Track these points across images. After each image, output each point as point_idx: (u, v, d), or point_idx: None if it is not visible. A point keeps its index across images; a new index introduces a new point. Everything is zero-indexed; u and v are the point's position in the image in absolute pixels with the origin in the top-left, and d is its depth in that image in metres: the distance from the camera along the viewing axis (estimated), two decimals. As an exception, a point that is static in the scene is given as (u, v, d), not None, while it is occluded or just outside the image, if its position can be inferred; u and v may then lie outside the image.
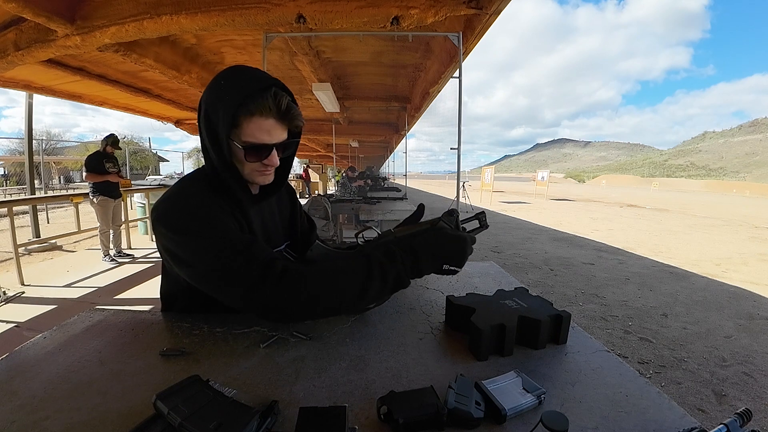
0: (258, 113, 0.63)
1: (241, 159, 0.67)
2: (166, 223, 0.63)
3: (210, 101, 0.65)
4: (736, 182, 79.63)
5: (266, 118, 0.64)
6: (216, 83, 0.65)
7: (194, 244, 0.62)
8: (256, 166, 0.69)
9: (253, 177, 0.71)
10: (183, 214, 0.64)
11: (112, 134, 4.07)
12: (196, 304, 0.75)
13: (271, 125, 0.65)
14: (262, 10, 2.28)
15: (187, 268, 0.64)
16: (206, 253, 0.61)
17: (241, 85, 0.63)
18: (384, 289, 0.62)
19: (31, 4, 2.14)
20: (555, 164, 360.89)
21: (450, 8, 2.24)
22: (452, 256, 0.64)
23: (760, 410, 1.75)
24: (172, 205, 0.66)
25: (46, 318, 2.55)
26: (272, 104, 0.63)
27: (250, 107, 0.62)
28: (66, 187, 20.80)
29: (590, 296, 3.41)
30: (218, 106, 0.63)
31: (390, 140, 9.90)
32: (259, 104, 0.62)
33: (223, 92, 0.63)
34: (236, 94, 0.61)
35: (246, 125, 0.63)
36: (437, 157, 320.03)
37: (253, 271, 0.59)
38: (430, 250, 0.63)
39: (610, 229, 7.83)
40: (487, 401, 0.46)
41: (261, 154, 0.67)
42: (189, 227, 0.62)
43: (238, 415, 0.42)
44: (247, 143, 0.65)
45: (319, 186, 17.56)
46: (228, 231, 0.64)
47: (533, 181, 24.60)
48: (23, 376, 0.54)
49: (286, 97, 0.65)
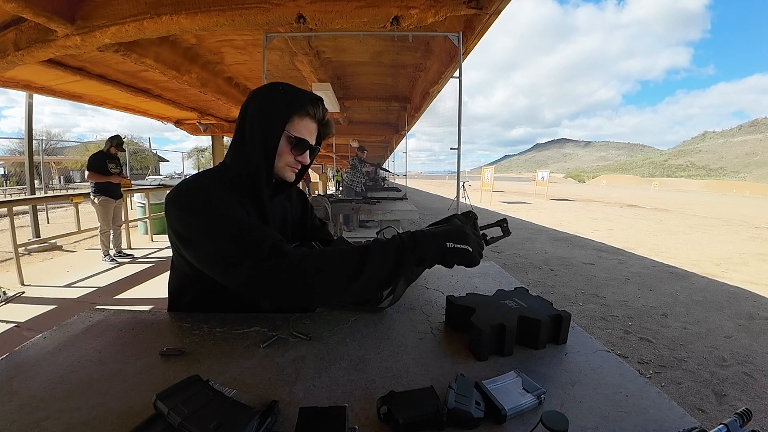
0: (309, 116, 0.77)
1: (282, 151, 0.76)
2: (178, 203, 0.68)
3: (269, 98, 0.75)
4: (736, 182, 79.62)
5: (312, 122, 0.78)
6: (274, 87, 0.77)
7: (205, 222, 0.66)
8: (291, 161, 0.78)
9: (284, 171, 0.79)
10: (196, 197, 0.69)
11: (117, 135, 4.06)
12: (204, 296, 0.76)
13: (313, 128, 0.79)
14: (262, 10, 2.28)
15: (195, 248, 0.66)
16: (217, 230, 0.65)
17: (299, 93, 0.76)
18: (384, 267, 0.63)
19: (31, 4, 2.14)
20: (555, 164, 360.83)
21: (450, 8, 2.24)
22: (452, 235, 0.65)
23: (760, 410, 1.75)
24: (186, 188, 0.71)
25: (46, 318, 2.55)
26: (320, 113, 0.78)
27: (307, 110, 0.75)
28: (66, 187, 20.80)
29: (590, 296, 3.41)
30: (279, 103, 0.74)
31: (390, 140, 9.90)
32: (312, 109, 0.76)
33: (284, 94, 0.75)
34: (296, 97, 0.75)
35: (297, 122, 0.75)
36: (437, 157, 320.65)
37: (262, 248, 0.62)
38: (429, 232, 0.66)
39: (610, 229, 7.83)
40: (487, 401, 0.46)
41: (302, 149, 0.77)
42: (201, 208, 0.67)
43: (238, 415, 0.42)
44: (297, 137, 0.76)
45: (319, 186, 17.56)
46: (238, 214, 0.68)
47: (533, 181, 24.60)
48: (23, 376, 0.54)
49: (327, 111, 0.81)
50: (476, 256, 0.65)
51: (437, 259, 0.65)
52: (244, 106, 0.76)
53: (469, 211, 0.72)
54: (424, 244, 0.64)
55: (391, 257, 0.63)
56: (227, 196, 0.70)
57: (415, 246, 0.64)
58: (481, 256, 0.66)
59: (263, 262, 0.61)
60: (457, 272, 1.07)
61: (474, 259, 0.65)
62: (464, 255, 0.64)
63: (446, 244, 0.64)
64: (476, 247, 0.65)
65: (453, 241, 0.64)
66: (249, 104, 0.75)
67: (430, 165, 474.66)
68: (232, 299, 0.76)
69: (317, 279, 0.62)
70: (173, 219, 0.68)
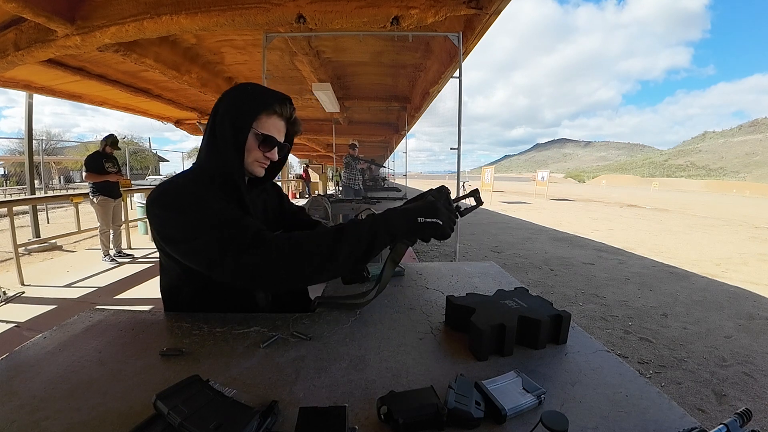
0: (276, 114, 0.80)
1: (251, 147, 0.78)
2: (158, 203, 0.69)
3: (237, 98, 0.78)
4: (736, 182, 79.59)
5: (280, 120, 0.81)
6: (243, 88, 0.79)
7: (185, 218, 0.67)
8: (260, 157, 0.80)
9: (253, 167, 0.81)
10: (175, 195, 0.71)
11: (112, 134, 4.07)
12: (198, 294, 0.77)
13: (281, 126, 0.82)
14: (262, 10, 2.28)
15: (179, 245, 0.68)
16: (198, 225, 0.66)
17: (266, 92, 0.80)
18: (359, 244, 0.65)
19: (31, 4, 2.14)
20: (555, 164, 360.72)
21: (450, 8, 2.24)
22: (423, 210, 0.67)
23: (760, 410, 1.75)
24: (164, 188, 0.72)
25: (46, 318, 2.55)
26: (287, 111, 0.81)
27: (274, 108, 0.78)
28: (66, 187, 20.81)
29: (590, 296, 3.41)
30: (247, 101, 0.77)
31: (390, 140, 9.91)
32: (279, 108, 0.79)
33: (251, 93, 0.78)
34: (263, 96, 0.79)
35: (265, 120, 0.78)
36: (437, 157, 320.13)
37: (243, 237, 0.64)
38: (401, 208, 0.69)
39: (610, 229, 7.83)
40: (487, 401, 0.46)
41: (269, 146, 0.80)
42: (181, 205, 0.68)
43: (238, 415, 0.42)
44: (264, 133, 0.78)
45: (319, 186, 17.56)
46: (218, 207, 0.69)
47: (533, 181, 24.61)
48: (23, 376, 0.54)
49: (294, 109, 0.84)
50: (447, 229, 0.68)
51: (410, 234, 0.68)
52: (215, 106, 0.78)
53: (442, 185, 0.75)
54: (395, 219, 0.67)
55: (365, 234, 0.65)
56: (206, 191, 0.71)
57: (387, 222, 0.67)
58: (452, 229, 0.69)
59: (245, 251, 0.63)
60: (457, 272, 1.08)
61: (445, 231, 0.68)
62: (436, 228, 0.67)
63: (417, 219, 0.67)
64: (447, 220, 0.68)
65: (424, 216, 0.67)
66: (220, 105, 0.78)
67: (430, 165, 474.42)
68: (227, 296, 0.77)
69: (297, 262, 0.63)
70: (155, 219, 0.70)
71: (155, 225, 0.70)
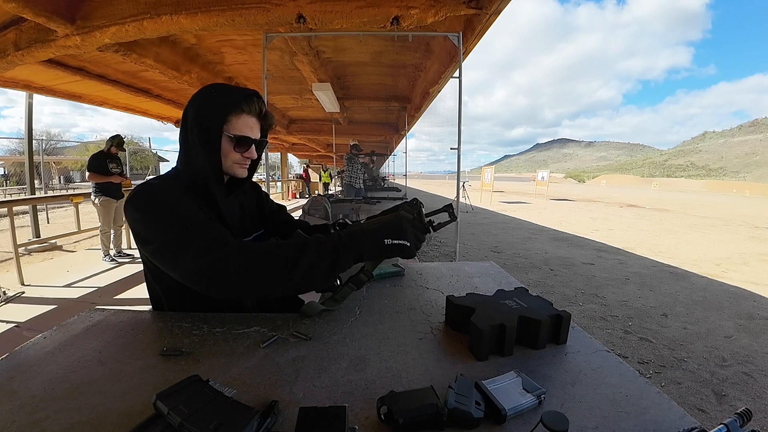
0: (246, 112, 0.78)
1: (226, 151, 0.78)
2: (132, 204, 0.70)
3: (203, 104, 0.76)
4: (736, 182, 79.59)
5: (251, 117, 0.80)
6: (207, 91, 0.78)
7: (155, 219, 0.68)
8: (238, 158, 0.80)
9: (234, 169, 0.81)
10: (149, 197, 0.71)
11: (118, 135, 4.04)
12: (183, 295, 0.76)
13: (253, 123, 0.81)
14: (262, 10, 2.28)
15: (148, 245, 0.69)
16: (163, 226, 0.67)
17: (231, 92, 0.78)
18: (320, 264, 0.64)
19: (31, 4, 2.14)
20: (555, 164, 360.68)
21: (450, 8, 2.24)
22: (390, 231, 0.67)
23: (760, 410, 1.75)
24: (139, 190, 0.73)
25: (46, 318, 2.55)
26: (256, 107, 0.80)
27: (242, 107, 0.77)
28: (66, 187, 20.79)
29: (590, 296, 3.40)
30: (213, 107, 0.76)
31: (390, 140, 9.90)
32: (247, 106, 0.78)
33: (217, 97, 0.77)
34: (229, 97, 0.77)
35: (235, 121, 0.77)
36: (437, 157, 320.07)
37: (202, 242, 0.64)
38: (368, 229, 0.68)
39: (610, 229, 7.83)
40: (487, 401, 0.46)
41: (245, 146, 0.79)
42: (152, 206, 0.69)
43: (238, 415, 0.42)
44: (236, 135, 0.77)
45: (319, 186, 17.55)
46: (188, 211, 0.69)
47: (533, 181, 24.59)
48: (23, 376, 0.54)
49: (264, 103, 0.83)
50: (413, 250, 0.68)
51: (375, 256, 0.68)
52: (184, 113, 0.78)
53: (414, 198, 0.76)
54: (361, 241, 0.66)
55: (327, 255, 0.65)
56: (177, 195, 0.72)
57: (352, 244, 0.66)
58: (418, 248, 0.70)
59: (203, 256, 0.63)
60: (457, 272, 1.08)
61: (411, 252, 0.68)
62: (402, 249, 0.67)
63: (384, 241, 0.66)
64: (414, 240, 0.69)
65: (391, 237, 0.67)
66: (188, 111, 0.77)
67: (430, 165, 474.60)
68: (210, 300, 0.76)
69: (252, 273, 0.63)
70: (130, 220, 0.71)
71: (131, 226, 0.71)
